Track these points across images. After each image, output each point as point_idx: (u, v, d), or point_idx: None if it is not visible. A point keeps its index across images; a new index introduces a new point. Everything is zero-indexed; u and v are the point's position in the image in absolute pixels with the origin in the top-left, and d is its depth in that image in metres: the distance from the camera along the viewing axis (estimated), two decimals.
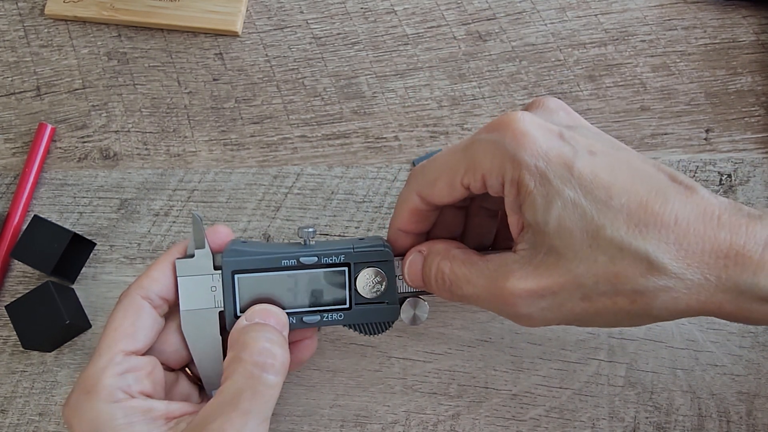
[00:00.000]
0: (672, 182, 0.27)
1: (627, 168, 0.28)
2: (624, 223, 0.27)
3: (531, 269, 0.28)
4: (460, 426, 0.39)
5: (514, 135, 0.28)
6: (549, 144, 0.28)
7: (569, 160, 0.27)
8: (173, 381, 0.35)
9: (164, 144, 0.45)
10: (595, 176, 0.27)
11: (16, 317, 0.39)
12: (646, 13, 0.46)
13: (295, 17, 0.47)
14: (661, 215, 0.26)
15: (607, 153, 0.28)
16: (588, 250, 0.27)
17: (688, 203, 0.27)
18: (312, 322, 0.34)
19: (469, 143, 0.30)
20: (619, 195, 0.27)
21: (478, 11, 0.46)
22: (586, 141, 0.28)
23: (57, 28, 0.48)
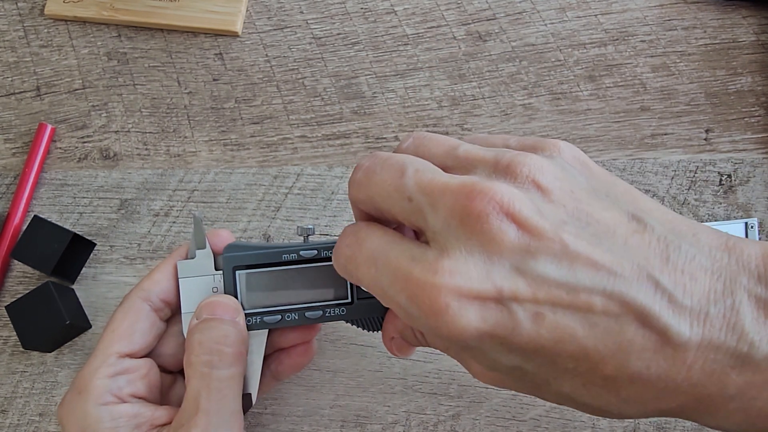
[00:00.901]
0: (641, 329, 0.22)
1: (582, 327, 0.22)
2: (569, 382, 0.23)
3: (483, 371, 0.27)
4: (460, 426, 0.39)
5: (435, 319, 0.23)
6: (478, 324, 0.22)
7: (506, 337, 0.22)
8: (170, 383, 0.35)
9: (164, 144, 0.45)
10: (537, 347, 0.22)
11: (16, 317, 0.39)
12: (646, 13, 0.46)
13: (295, 17, 0.47)
14: (615, 380, 0.22)
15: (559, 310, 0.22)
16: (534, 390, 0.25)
17: (654, 358, 0.22)
18: (314, 317, 0.34)
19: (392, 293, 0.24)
20: (564, 360, 0.23)
21: (478, 11, 0.46)
22: (533, 300, 0.22)
23: (57, 28, 0.48)
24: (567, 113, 0.44)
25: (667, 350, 0.22)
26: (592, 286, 0.22)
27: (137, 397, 0.32)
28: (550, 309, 0.22)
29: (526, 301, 0.22)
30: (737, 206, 0.42)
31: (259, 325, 0.34)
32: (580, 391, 0.23)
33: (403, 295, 0.23)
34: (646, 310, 0.22)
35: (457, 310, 0.22)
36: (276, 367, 0.36)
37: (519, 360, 0.23)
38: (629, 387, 0.22)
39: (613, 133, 0.43)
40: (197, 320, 0.32)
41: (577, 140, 0.43)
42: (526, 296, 0.22)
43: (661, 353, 0.22)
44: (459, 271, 0.22)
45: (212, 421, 0.29)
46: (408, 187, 0.25)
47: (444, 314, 0.22)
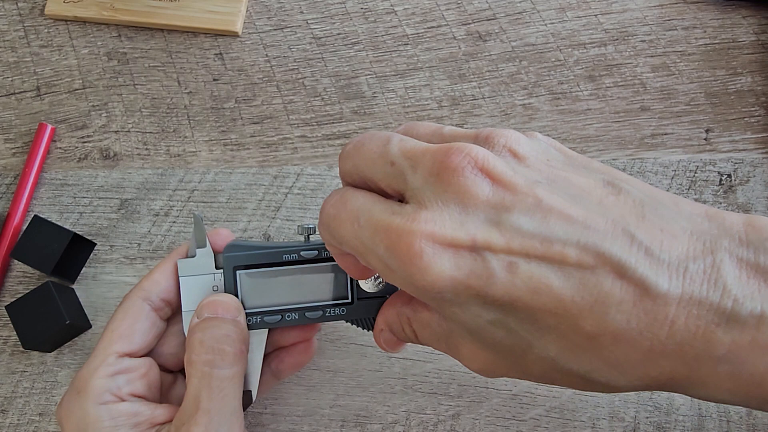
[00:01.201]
0: (618, 280, 0.22)
1: (557, 278, 0.22)
2: (554, 343, 0.23)
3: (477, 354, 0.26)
4: (460, 426, 0.39)
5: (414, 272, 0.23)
6: (452, 272, 0.22)
7: (481, 287, 0.22)
8: (170, 383, 0.35)
9: (164, 144, 0.45)
10: (514, 300, 0.22)
11: (16, 317, 0.39)
12: (646, 13, 0.46)
13: (295, 17, 0.47)
14: (598, 338, 0.22)
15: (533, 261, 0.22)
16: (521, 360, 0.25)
17: (634, 311, 0.21)
18: (314, 317, 0.34)
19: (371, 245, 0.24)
20: (544, 317, 0.22)
21: (478, 11, 0.46)
22: (506, 249, 0.22)
23: (57, 28, 0.48)
24: (567, 113, 0.44)
25: (646, 302, 0.21)
26: (565, 237, 0.22)
27: (136, 396, 0.32)
28: (524, 259, 0.22)
29: (499, 251, 0.22)
30: (737, 206, 0.42)
31: (260, 324, 0.34)
32: (566, 354, 0.23)
33: (382, 245, 0.24)
34: (622, 262, 0.21)
35: (431, 256, 0.22)
36: (276, 365, 0.36)
37: (499, 314, 0.23)
38: (614, 347, 0.22)
39: (613, 133, 0.43)
40: (198, 319, 0.32)
41: (577, 140, 0.44)
42: (499, 245, 0.22)
43: (640, 306, 0.21)
44: (434, 219, 0.23)
45: (213, 420, 0.29)
46: (391, 153, 0.25)
47: (418, 259, 0.22)
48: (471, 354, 0.27)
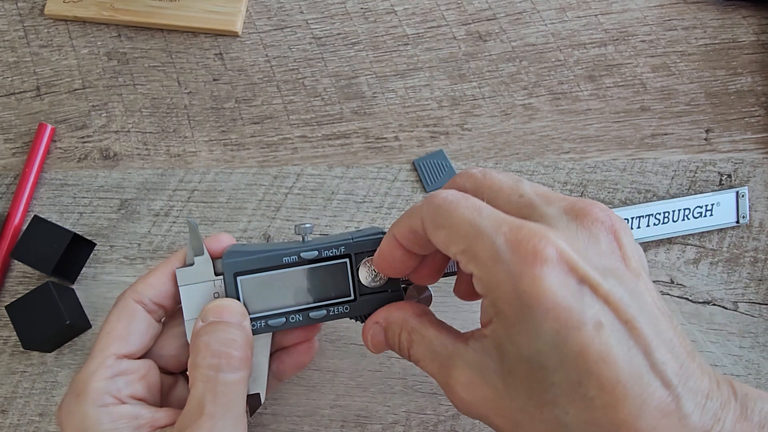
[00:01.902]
0: (663, 388, 0.23)
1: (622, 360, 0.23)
2: (579, 414, 0.24)
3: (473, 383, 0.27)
4: (460, 426, 0.39)
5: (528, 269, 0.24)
6: (558, 289, 0.24)
7: (569, 323, 0.23)
8: (171, 384, 0.35)
9: (164, 144, 0.45)
10: (584, 353, 0.23)
11: (16, 317, 0.39)
12: (646, 13, 0.46)
13: (295, 17, 0.47)
14: (621, 427, 0.23)
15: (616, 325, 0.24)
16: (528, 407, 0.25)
17: (664, 420, 0.23)
18: (318, 317, 0.33)
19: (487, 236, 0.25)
20: (591, 383, 0.23)
21: (478, 11, 0.46)
22: (605, 299, 0.24)
23: (57, 28, 0.48)
24: (567, 113, 0.44)
25: (673, 419, 0.23)
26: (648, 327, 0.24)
27: (136, 398, 0.32)
28: (610, 322, 0.24)
29: (600, 296, 0.24)
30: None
31: (264, 329, 0.33)
32: (579, 428, 0.24)
33: (502, 237, 0.25)
34: (671, 379, 0.23)
35: (551, 266, 0.24)
36: (278, 366, 0.36)
37: (554, 358, 0.24)
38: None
39: (613, 133, 0.43)
40: (203, 323, 0.32)
41: (577, 140, 0.44)
42: (602, 291, 0.24)
43: (668, 420, 0.23)
44: (564, 241, 0.25)
45: (217, 425, 0.29)
46: (524, 188, 0.28)
47: (541, 263, 0.24)
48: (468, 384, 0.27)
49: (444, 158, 0.43)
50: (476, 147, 0.44)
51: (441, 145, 0.44)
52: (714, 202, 0.41)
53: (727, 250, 0.41)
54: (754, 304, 0.40)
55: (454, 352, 0.28)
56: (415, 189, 0.43)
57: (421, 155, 0.43)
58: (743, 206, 0.41)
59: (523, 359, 0.25)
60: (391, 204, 0.43)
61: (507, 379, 0.26)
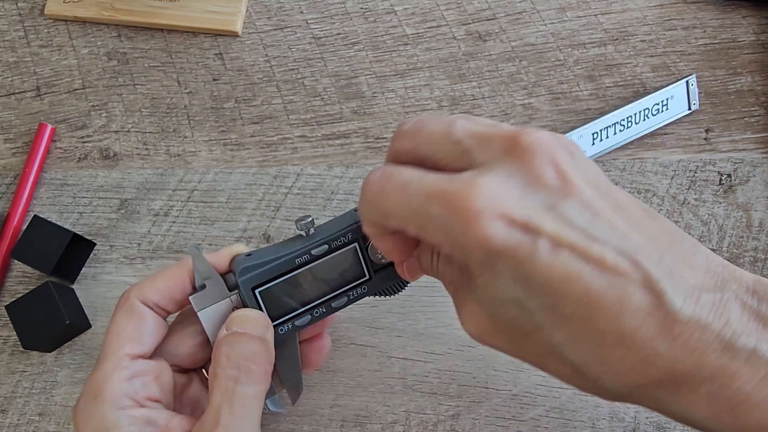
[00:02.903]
0: (641, 288, 0.23)
1: (589, 273, 0.23)
2: (561, 332, 0.24)
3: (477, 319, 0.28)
4: (460, 426, 0.39)
5: (466, 227, 0.24)
6: (505, 241, 0.24)
7: (522, 260, 0.24)
8: (185, 384, 0.35)
9: (164, 144, 0.45)
10: (546, 281, 0.24)
11: (16, 317, 0.39)
12: (645, 13, 0.46)
13: (295, 17, 0.47)
14: (604, 335, 0.23)
15: (575, 252, 0.24)
16: (522, 339, 0.26)
17: (647, 318, 0.23)
18: (341, 304, 0.34)
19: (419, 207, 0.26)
20: (566, 304, 0.24)
21: (478, 11, 0.46)
22: (555, 235, 0.24)
23: (57, 28, 0.48)
24: (567, 113, 0.44)
25: (658, 315, 0.23)
26: (606, 240, 0.24)
27: (153, 399, 0.31)
28: (567, 250, 0.23)
29: (548, 236, 0.24)
30: (737, 206, 0.42)
31: (292, 330, 0.34)
32: (569, 343, 0.24)
33: (436, 207, 0.25)
34: (650, 274, 0.23)
35: (488, 220, 0.24)
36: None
37: (524, 293, 0.24)
38: (615, 347, 0.23)
39: None
40: (227, 332, 0.32)
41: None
42: (549, 231, 0.24)
43: (653, 317, 0.23)
44: (497, 188, 0.24)
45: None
46: (457, 133, 0.27)
47: (476, 219, 0.24)
48: (472, 316, 0.28)
49: None
50: None
51: None
52: (668, 97, 0.42)
53: (727, 249, 0.41)
54: None
55: (466, 283, 0.28)
56: None
57: None
58: (693, 94, 0.43)
59: (502, 305, 0.25)
60: None
61: (494, 320, 0.26)
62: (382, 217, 0.28)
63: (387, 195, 0.27)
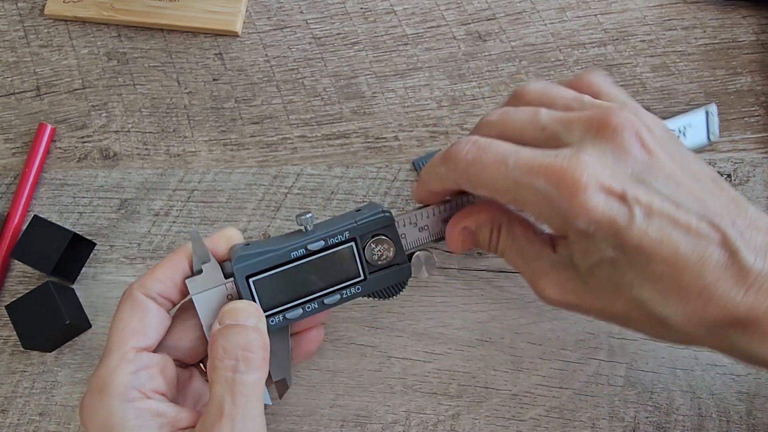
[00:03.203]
0: (719, 247, 0.27)
1: (676, 232, 0.27)
2: (650, 287, 0.28)
3: (563, 280, 0.31)
4: (460, 426, 0.39)
5: (572, 200, 0.27)
6: (605, 212, 0.27)
7: (620, 229, 0.27)
8: (186, 379, 0.35)
9: (164, 144, 0.45)
10: (641, 244, 0.27)
11: (16, 317, 0.39)
12: (645, 13, 0.46)
13: (295, 17, 0.47)
14: (688, 289, 0.27)
15: (665, 219, 0.27)
16: (610, 296, 0.29)
17: (724, 272, 0.27)
18: (333, 302, 0.35)
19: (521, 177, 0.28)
20: (656, 263, 0.27)
21: (478, 11, 0.46)
22: (648, 205, 0.27)
23: (57, 28, 0.48)
24: None
25: (733, 269, 0.27)
26: (689, 207, 0.28)
27: (159, 393, 0.32)
28: (658, 217, 0.27)
29: (643, 205, 0.27)
30: None
31: (283, 322, 0.34)
32: (656, 297, 0.28)
33: (541, 180, 0.28)
34: (727, 235, 0.27)
35: (593, 192, 0.27)
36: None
37: (619, 255, 0.28)
38: (698, 299, 0.27)
39: None
40: (219, 325, 0.32)
41: None
42: (643, 201, 0.27)
43: (729, 271, 0.27)
44: (595, 164, 0.28)
45: (237, 426, 0.29)
46: (543, 120, 0.30)
47: (583, 192, 0.27)
48: (554, 281, 0.31)
49: None
50: None
51: (441, 145, 0.44)
52: (685, 124, 0.41)
53: None
54: None
55: (541, 253, 0.32)
56: None
57: (421, 155, 0.43)
58: (713, 124, 0.41)
59: (595, 267, 0.29)
60: (391, 204, 0.43)
61: (587, 281, 0.30)
62: (472, 185, 0.31)
63: (484, 165, 0.30)
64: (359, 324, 0.41)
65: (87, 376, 0.41)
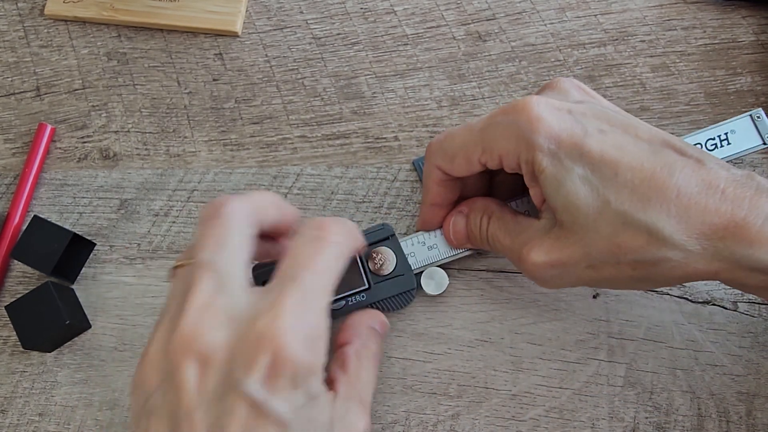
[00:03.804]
0: (680, 156, 0.29)
1: (634, 145, 0.29)
2: (628, 196, 0.28)
3: (547, 242, 0.31)
4: (459, 426, 0.39)
5: (528, 118, 0.30)
6: (561, 126, 0.30)
7: (579, 140, 0.29)
8: None
9: (164, 144, 0.45)
10: (603, 154, 0.29)
11: (16, 317, 0.39)
12: (645, 13, 0.46)
13: (295, 17, 0.47)
14: (664, 189, 0.28)
15: (617, 130, 0.30)
16: (593, 224, 0.29)
17: (694, 176, 0.28)
18: (339, 307, 0.38)
19: (485, 124, 0.32)
20: (624, 171, 0.29)
21: (478, 11, 0.46)
22: (596, 119, 0.30)
23: (57, 28, 0.48)
24: None
25: (702, 172, 0.28)
26: (638, 123, 0.30)
27: None
28: (609, 127, 0.30)
29: (590, 117, 0.30)
30: None
31: None
32: (637, 206, 0.28)
33: (500, 114, 0.32)
34: (682, 147, 0.29)
35: (544, 108, 0.30)
36: None
37: (587, 170, 0.29)
38: (678, 200, 0.28)
39: None
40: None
41: None
42: (590, 114, 0.30)
43: (698, 174, 0.28)
44: (545, 98, 0.31)
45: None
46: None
47: (535, 110, 0.30)
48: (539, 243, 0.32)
49: None
50: None
51: None
52: (728, 131, 0.39)
53: None
54: (753, 303, 0.40)
55: (527, 225, 0.33)
56: (415, 189, 0.43)
57: (421, 155, 0.43)
58: (763, 128, 0.39)
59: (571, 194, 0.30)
60: (391, 204, 0.43)
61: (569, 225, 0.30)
62: (449, 159, 0.34)
63: (454, 135, 0.34)
64: None
65: (87, 376, 0.41)
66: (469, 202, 0.37)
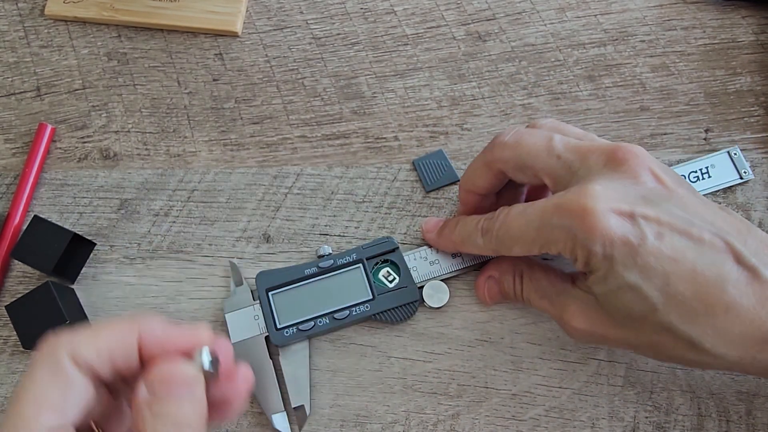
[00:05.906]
0: (736, 264, 0.28)
1: (693, 250, 0.29)
2: (675, 309, 0.29)
3: (588, 313, 0.32)
4: (459, 426, 0.39)
5: (585, 225, 0.29)
6: (618, 230, 0.29)
7: (635, 247, 0.29)
8: None
9: (164, 144, 0.45)
10: (658, 263, 0.28)
11: (16, 317, 0.39)
12: (645, 13, 0.46)
13: (295, 17, 0.47)
14: (713, 305, 0.28)
15: (675, 234, 0.29)
16: (636, 323, 0.30)
17: (746, 290, 0.28)
18: (342, 317, 0.38)
19: (541, 223, 0.31)
20: (676, 282, 0.28)
21: (478, 11, 0.46)
22: (657, 221, 0.29)
23: (57, 28, 0.48)
24: (567, 113, 0.44)
25: (756, 285, 0.28)
26: (703, 224, 0.29)
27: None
28: (669, 231, 0.29)
29: (652, 221, 0.29)
30: (736, 206, 0.42)
31: (297, 334, 0.38)
32: (683, 319, 0.28)
33: (556, 217, 0.30)
34: (739, 251, 0.29)
35: (603, 214, 0.29)
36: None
37: (639, 278, 0.29)
38: (725, 316, 0.28)
39: (613, 133, 0.43)
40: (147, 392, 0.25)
41: None
42: (652, 217, 0.29)
43: (752, 287, 0.28)
44: (605, 191, 0.30)
45: None
46: (558, 148, 0.32)
47: (594, 215, 0.29)
48: (581, 313, 0.32)
49: (443, 158, 0.43)
50: (476, 147, 0.44)
51: (440, 145, 0.44)
52: (708, 165, 0.42)
53: None
54: None
55: (562, 290, 0.34)
56: (415, 189, 0.43)
57: (421, 155, 0.44)
58: (740, 164, 0.41)
59: (618, 294, 0.30)
60: (391, 204, 0.43)
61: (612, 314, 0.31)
62: (506, 248, 0.34)
63: (509, 225, 0.33)
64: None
65: None
66: (496, 264, 0.38)
